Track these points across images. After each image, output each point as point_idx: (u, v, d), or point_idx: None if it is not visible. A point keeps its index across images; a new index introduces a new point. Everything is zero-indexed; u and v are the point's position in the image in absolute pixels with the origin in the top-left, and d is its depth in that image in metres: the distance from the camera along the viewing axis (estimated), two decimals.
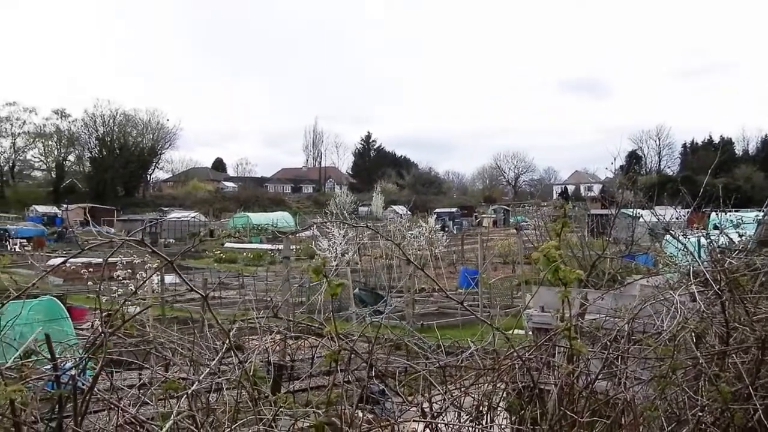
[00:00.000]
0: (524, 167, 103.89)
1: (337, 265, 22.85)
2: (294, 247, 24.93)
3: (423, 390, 3.49)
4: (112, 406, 2.40)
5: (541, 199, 49.99)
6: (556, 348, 3.59)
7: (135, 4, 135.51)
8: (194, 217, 52.99)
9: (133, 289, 12.44)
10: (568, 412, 2.97)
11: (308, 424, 2.77)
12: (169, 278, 20.69)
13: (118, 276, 12.16)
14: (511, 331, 4.87)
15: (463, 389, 3.39)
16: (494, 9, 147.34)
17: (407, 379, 3.38)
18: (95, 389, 2.44)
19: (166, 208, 65.95)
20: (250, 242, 40.75)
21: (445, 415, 3.27)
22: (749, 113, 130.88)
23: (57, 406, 2.09)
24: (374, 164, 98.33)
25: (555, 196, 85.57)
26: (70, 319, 10.79)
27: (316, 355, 3.16)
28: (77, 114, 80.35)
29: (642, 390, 3.20)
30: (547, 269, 3.07)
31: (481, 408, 3.20)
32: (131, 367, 3.18)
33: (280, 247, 33.33)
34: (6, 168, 78.06)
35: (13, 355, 2.52)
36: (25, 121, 76.83)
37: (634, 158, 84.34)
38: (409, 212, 51.44)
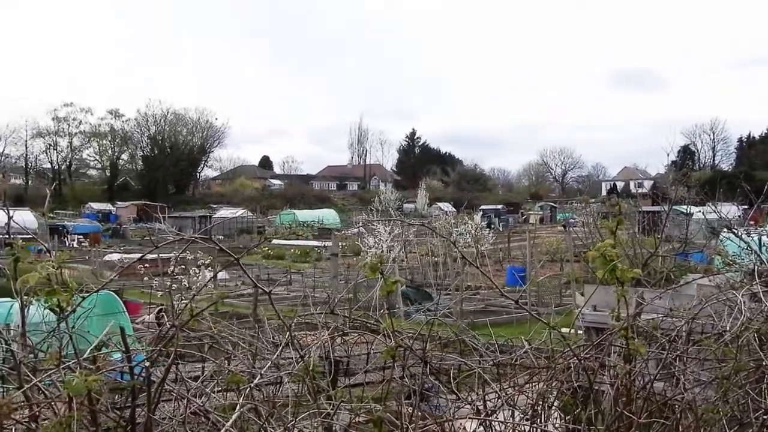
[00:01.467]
0: (571, 163, 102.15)
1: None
2: (341, 244, 25.11)
3: (476, 388, 3.50)
4: (180, 396, 2.50)
5: (589, 195, 49.06)
6: (612, 348, 3.56)
7: (185, 1, 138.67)
8: (242, 214, 53.98)
9: (187, 284, 12.85)
10: (626, 413, 2.94)
11: (362, 419, 2.83)
12: (220, 274, 21.14)
13: (172, 272, 12.53)
14: (568, 331, 4.82)
15: (517, 387, 3.39)
16: (538, 1, 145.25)
17: (461, 377, 3.39)
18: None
19: (214, 206, 67.38)
20: (297, 238, 41.26)
21: (499, 413, 3.28)
22: None
23: (131, 396, 2.19)
24: (419, 161, 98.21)
25: (603, 192, 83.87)
26: (126, 313, 11.17)
27: (371, 352, 3.22)
28: (130, 114, 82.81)
29: (702, 392, 3.13)
30: (601, 268, 3.04)
31: (536, 407, 3.19)
32: (192, 360, 3.28)
33: (327, 244, 33.68)
34: (63, 167, 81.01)
35: (81, 346, 2.65)
36: (81, 121, 79.63)
37: (687, 153, 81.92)
38: (454, 209, 51.28)
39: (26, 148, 78.86)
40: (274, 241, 37.24)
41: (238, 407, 2.32)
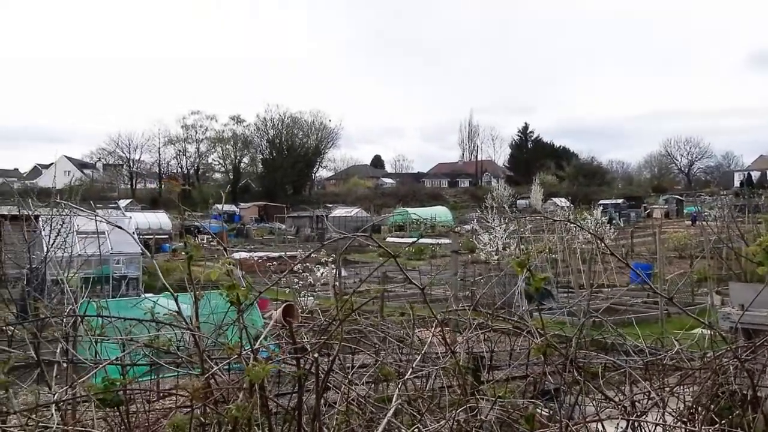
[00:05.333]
0: (699, 153, 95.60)
1: (499, 260, 22.63)
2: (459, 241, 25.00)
3: (623, 388, 3.39)
4: (336, 386, 2.62)
5: (721, 187, 45.74)
6: None
7: (295, 4, 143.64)
8: (357, 213, 55.24)
9: (312, 281, 13.36)
10: None
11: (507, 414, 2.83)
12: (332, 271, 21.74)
13: (298, 269, 13.06)
14: (707, 332, 4.55)
15: (667, 389, 3.26)
16: None
17: (606, 376, 3.31)
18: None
19: (330, 205, 69.42)
20: (411, 236, 41.65)
21: (648, 414, 3.16)
22: None
23: (297, 385, 2.34)
24: (532, 156, 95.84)
25: (736, 183, 77.87)
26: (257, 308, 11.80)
27: (513, 348, 3.21)
28: (250, 119, 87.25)
29: None
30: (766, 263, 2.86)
31: (691, 409, 3.05)
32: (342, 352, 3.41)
33: (441, 241, 33.70)
34: (192, 171, 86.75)
35: (238, 339, 2.84)
36: (207, 128, 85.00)
37: None
38: (570, 204, 49.63)
39: (159, 154, 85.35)
40: (389, 239, 37.77)
41: (395, 398, 2.41)
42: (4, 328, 2.87)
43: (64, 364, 2.70)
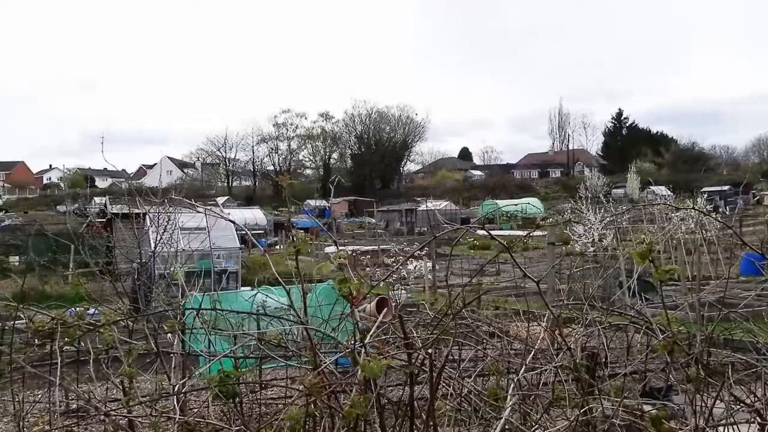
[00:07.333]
0: None
1: (595, 252, 21.82)
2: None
3: (752, 388, 3.14)
4: (451, 381, 2.55)
5: None
6: None
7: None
8: (446, 206, 54.98)
9: (405, 275, 13.36)
10: None
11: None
12: (430, 265, 21.68)
13: (391, 262, 13.11)
14: None
15: None
16: None
17: (735, 376, 3.06)
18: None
19: (418, 198, 69.43)
20: (501, 229, 40.97)
21: None
22: None
23: (409, 380, 2.29)
24: (626, 143, 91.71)
25: None
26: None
27: (629, 344, 3.03)
28: (339, 115, 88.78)
29: None
30: None
31: None
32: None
33: (534, 233, 32.81)
34: (284, 168, 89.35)
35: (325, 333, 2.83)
36: (297, 126, 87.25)
37: None
38: (671, 192, 47.21)
39: (253, 153, 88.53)
40: (479, 232, 37.26)
41: (509, 397, 2.31)
42: (124, 320, 3.00)
43: (181, 356, 2.79)
